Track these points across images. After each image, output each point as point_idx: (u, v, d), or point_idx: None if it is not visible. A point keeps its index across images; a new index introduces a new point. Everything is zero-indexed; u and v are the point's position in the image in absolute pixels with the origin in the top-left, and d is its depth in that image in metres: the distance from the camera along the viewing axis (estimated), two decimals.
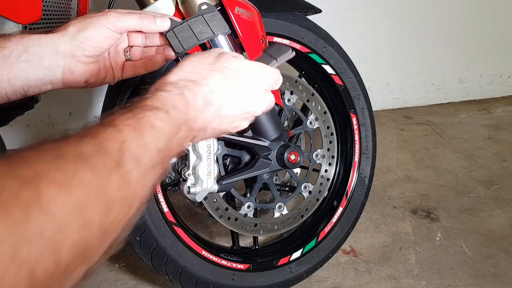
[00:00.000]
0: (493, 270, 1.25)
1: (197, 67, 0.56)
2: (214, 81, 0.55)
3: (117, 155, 0.39)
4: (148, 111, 0.46)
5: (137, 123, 0.43)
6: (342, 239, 1.22)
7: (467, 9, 2.37)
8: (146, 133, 0.44)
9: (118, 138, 0.41)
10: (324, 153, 1.19)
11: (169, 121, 0.47)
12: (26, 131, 1.95)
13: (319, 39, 1.15)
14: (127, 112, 0.45)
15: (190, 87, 0.53)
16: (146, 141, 0.43)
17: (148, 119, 0.45)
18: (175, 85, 0.52)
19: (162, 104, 0.48)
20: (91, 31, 0.65)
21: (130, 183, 0.40)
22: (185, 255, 1.02)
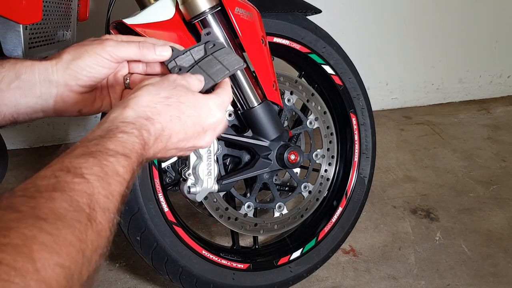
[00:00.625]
0: (492, 269, 1.26)
1: (153, 100, 0.55)
2: (168, 118, 0.56)
3: (88, 210, 0.40)
4: (111, 157, 0.47)
5: (102, 172, 0.44)
6: (342, 238, 1.22)
7: (467, 9, 2.38)
8: (111, 181, 0.45)
9: (86, 190, 0.42)
10: (324, 153, 1.19)
11: (130, 165, 0.48)
12: (26, 131, 1.96)
13: (319, 39, 1.15)
14: (90, 157, 0.45)
15: (147, 126, 0.53)
16: (112, 190, 0.44)
17: (112, 166, 0.46)
18: (134, 125, 0.52)
19: (123, 148, 0.49)
20: (85, 60, 0.63)
21: (102, 231, 0.41)
22: (185, 255, 1.02)
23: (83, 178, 0.42)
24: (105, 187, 0.44)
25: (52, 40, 1.01)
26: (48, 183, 0.41)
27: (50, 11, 0.96)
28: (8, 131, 1.82)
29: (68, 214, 0.38)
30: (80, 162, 0.44)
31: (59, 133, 2.00)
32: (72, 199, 0.40)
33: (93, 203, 0.41)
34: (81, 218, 0.39)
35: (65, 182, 0.41)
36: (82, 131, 2.02)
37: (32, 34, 0.90)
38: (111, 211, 0.44)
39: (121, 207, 0.47)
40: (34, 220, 0.36)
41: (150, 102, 0.55)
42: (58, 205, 0.38)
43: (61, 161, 0.44)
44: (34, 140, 1.98)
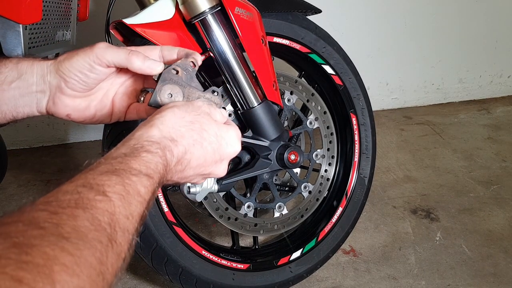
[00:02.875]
0: (492, 270, 1.25)
1: (178, 123, 0.56)
2: (191, 142, 0.57)
3: (109, 230, 0.40)
4: (134, 176, 0.46)
5: (124, 191, 0.44)
6: (342, 239, 1.22)
7: (467, 9, 2.38)
8: (132, 201, 0.45)
9: (108, 209, 0.41)
10: (324, 153, 1.19)
11: (151, 186, 0.48)
12: (26, 131, 1.96)
13: (319, 39, 1.15)
14: (113, 175, 0.45)
15: (170, 147, 0.54)
16: (132, 210, 0.44)
17: (134, 186, 0.46)
18: (159, 145, 0.52)
19: (146, 168, 0.49)
20: (74, 62, 0.63)
21: (121, 253, 0.41)
22: (185, 255, 1.02)
23: (105, 196, 0.42)
24: (126, 206, 0.43)
25: (52, 40, 1.01)
26: (70, 199, 0.40)
27: (50, 11, 0.96)
28: (8, 131, 1.82)
29: (90, 233, 0.38)
30: (103, 179, 0.44)
31: (59, 133, 2.00)
32: (94, 217, 0.39)
33: (114, 223, 0.41)
34: (102, 238, 0.39)
35: (88, 199, 0.41)
36: (82, 131, 2.02)
37: (32, 34, 0.90)
38: (130, 232, 0.43)
39: (139, 229, 0.46)
40: (56, 238, 0.35)
41: (175, 124, 0.55)
42: (80, 223, 0.38)
43: (84, 177, 0.44)
44: (34, 140, 1.98)
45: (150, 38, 0.91)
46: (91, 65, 0.63)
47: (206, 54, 0.97)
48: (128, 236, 0.43)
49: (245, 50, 0.93)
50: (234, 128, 0.64)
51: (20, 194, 1.62)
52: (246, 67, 0.92)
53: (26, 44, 0.88)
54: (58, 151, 1.96)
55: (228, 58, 0.90)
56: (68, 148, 2.00)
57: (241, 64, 0.91)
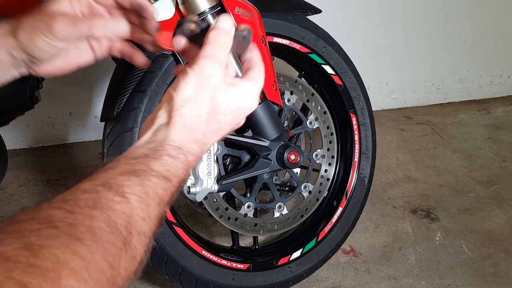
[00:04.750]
0: (492, 270, 1.25)
1: (197, 119, 0.53)
2: (210, 135, 0.55)
3: (125, 233, 0.39)
4: (154, 178, 0.45)
5: (144, 193, 0.43)
6: (342, 239, 1.22)
7: (467, 9, 2.37)
8: (151, 203, 0.44)
9: (126, 211, 0.40)
10: (324, 153, 1.19)
11: (170, 189, 0.47)
12: (26, 131, 1.96)
13: (319, 39, 1.15)
14: (133, 176, 0.44)
15: (193, 149, 0.52)
16: (150, 212, 0.43)
17: (154, 187, 0.45)
18: (181, 150, 0.50)
19: (166, 170, 0.47)
20: (36, 43, 0.60)
21: (136, 256, 0.40)
22: (185, 255, 1.02)
23: (123, 197, 0.41)
24: (144, 208, 0.43)
25: None
26: (88, 198, 0.39)
27: None
28: (8, 131, 1.82)
29: (104, 236, 0.37)
30: (122, 180, 0.43)
31: (59, 133, 2.00)
32: (111, 219, 0.39)
33: (131, 226, 0.40)
34: (117, 241, 0.38)
35: (106, 199, 0.40)
36: (82, 131, 2.02)
37: None
38: (147, 234, 0.42)
39: (156, 232, 0.45)
40: (70, 239, 0.34)
41: (195, 123, 0.53)
42: (96, 224, 0.37)
43: (104, 176, 0.43)
44: (34, 140, 1.98)
45: None
46: (55, 46, 0.60)
47: None
48: (144, 239, 0.42)
49: None
50: (250, 83, 0.57)
51: (20, 194, 1.61)
52: None
53: None
54: (58, 151, 1.96)
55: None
56: (68, 148, 1.99)
57: (241, 64, 0.91)
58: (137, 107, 0.96)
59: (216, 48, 0.54)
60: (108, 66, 1.84)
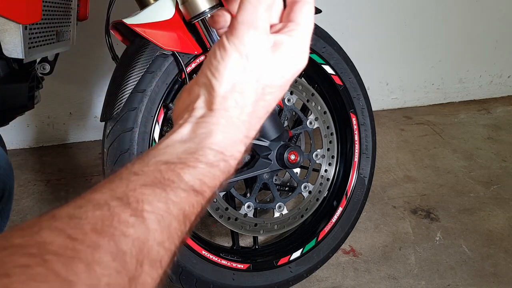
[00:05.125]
0: (492, 270, 1.25)
1: (244, 111, 0.43)
2: (258, 125, 0.45)
3: (134, 266, 0.32)
4: (183, 192, 0.37)
5: (166, 212, 0.35)
6: (342, 239, 1.22)
7: (467, 9, 2.37)
8: (173, 223, 0.36)
9: (140, 235, 0.33)
10: (324, 153, 1.19)
11: (201, 202, 0.39)
12: (26, 131, 1.96)
13: (319, 39, 1.15)
14: (158, 188, 0.36)
15: (239, 152, 0.43)
16: (170, 233, 0.35)
17: (179, 205, 0.37)
18: (223, 155, 0.42)
19: (200, 182, 0.39)
20: None
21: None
22: (185, 255, 1.02)
23: (140, 218, 0.33)
24: (164, 231, 0.35)
25: (52, 40, 1.01)
26: (98, 217, 0.32)
27: (50, 11, 0.96)
28: (8, 131, 1.82)
29: (105, 276, 0.29)
30: (144, 193, 0.35)
31: (59, 133, 2.00)
32: (119, 249, 0.31)
33: (143, 256, 0.33)
34: (120, 281, 0.30)
35: (118, 222, 0.32)
36: (82, 131, 2.02)
37: (32, 34, 0.90)
38: (163, 264, 0.35)
39: (177, 250, 0.37)
40: (59, 285, 0.27)
41: (241, 116, 0.43)
42: (98, 258, 0.30)
43: (124, 185, 0.35)
44: (34, 140, 1.98)
45: (150, 38, 0.91)
46: None
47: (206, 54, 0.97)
48: (157, 271, 0.34)
49: None
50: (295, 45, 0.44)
51: (20, 194, 1.61)
52: None
53: (26, 44, 0.88)
54: (58, 151, 1.96)
55: None
56: (68, 148, 1.99)
57: None
58: (137, 107, 0.96)
59: (259, 9, 0.41)
60: (108, 66, 1.84)
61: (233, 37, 0.41)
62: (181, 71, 0.97)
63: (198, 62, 0.99)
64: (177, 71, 0.98)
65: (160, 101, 0.98)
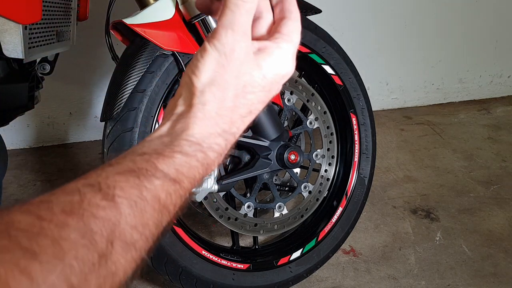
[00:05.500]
0: (492, 270, 1.25)
1: (222, 106, 0.44)
2: (240, 122, 0.46)
3: (104, 245, 0.33)
4: (157, 180, 0.38)
5: (139, 197, 0.36)
6: (342, 239, 1.22)
7: (467, 9, 2.37)
8: (147, 209, 0.36)
9: (111, 218, 0.34)
10: (324, 153, 1.19)
11: (178, 192, 0.40)
12: (26, 131, 1.96)
13: (319, 39, 1.15)
14: (132, 176, 0.37)
15: (217, 145, 0.44)
16: (145, 220, 0.36)
17: (154, 191, 0.37)
18: (200, 147, 0.42)
19: (176, 171, 0.40)
20: None
21: (117, 272, 0.34)
22: (185, 255, 1.02)
23: (112, 202, 0.34)
24: (137, 216, 0.35)
25: (52, 40, 1.01)
26: (68, 201, 0.33)
27: (50, 11, 0.96)
28: (8, 131, 1.82)
29: (72, 250, 0.31)
30: (117, 180, 0.36)
31: (59, 133, 2.00)
32: (87, 228, 0.32)
33: (114, 236, 0.34)
34: (89, 256, 0.31)
35: (88, 204, 0.33)
36: (82, 131, 2.02)
37: (31, 34, 0.90)
38: (137, 246, 0.35)
39: (156, 240, 0.38)
40: (22, 254, 0.28)
41: (219, 110, 0.44)
42: (65, 234, 0.31)
43: (99, 174, 0.37)
44: (34, 140, 1.98)
45: (150, 38, 0.91)
46: None
47: None
48: (133, 252, 0.35)
49: None
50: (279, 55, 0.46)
51: (20, 194, 1.61)
52: None
53: (26, 44, 0.88)
54: (58, 151, 1.96)
55: None
56: (68, 148, 1.99)
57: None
58: (137, 107, 0.96)
59: (237, 13, 0.43)
60: (108, 66, 1.84)
61: (213, 39, 0.44)
62: (181, 71, 0.97)
63: None
64: (177, 71, 0.98)
65: (160, 101, 0.98)
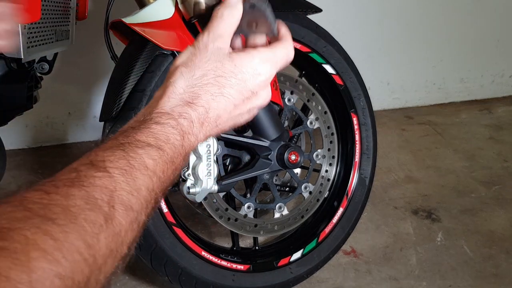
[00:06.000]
0: (494, 270, 1.25)
1: (189, 83, 0.51)
2: (210, 98, 0.51)
3: (106, 208, 0.37)
4: (140, 149, 0.43)
5: (128, 165, 0.41)
6: (343, 239, 1.22)
7: (468, 8, 2.37)
8: (138, 175, 0.41)
9: (108, 185, 0.39)
10: (324, 153, 1.19)
11: (163, 158, 0.45)
12: (25, 131, 1.95)
13: (320, 38, 1.15)
14: (117, 149, 0.42)
15: (186, 113, 0.49)
16: (138, 185, 0.41)
17: (140, 159, 0.42)
18: (170, 115, 0.48)
19: (155, 139, 0.45)
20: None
21: (121, 231, 0.38)
22: (185, 256, 1.02)
23: (105, 172, 0.39)
24: (130, 182, 0.40)
25: (51, 39, 1.00)
26: (68, 178, 0.38)
27: (49, 11, 0.96)
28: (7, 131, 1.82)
29: (82, 213, 0.35)
30: (105, 155, 0.41)
31: (58, 133, 1.99)
32: (90, 195, 0.37)
33: (114, 200, 0.38)
34: (97, 218, 0.36)
35: (85, 176, 0.38)
36: (81, 131, 2.01)
37: (30, 34, 0.90)
38: (135, 209, 0.40)
39: (151, 206, 0.43)
40: (41, 220, 0.33)
41: (187, 87, 0.51)
42: (72, 202, 0.35)
43: (88, 155, 0.42)
44: (33, 140, 1.98)
45: (150, 38, 0.91)
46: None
47: None
48: (132, 214, 0.39)
49: None
50: (262, 50, 0.54)
51: None
52: None
53: (25, 44, 0.87)
54: (57, 151, 1.95)
55: None
56: (67, 148, 1.99)
57: None
58: (136, 106, 0.95)
59: (218, 22, 0.53)
60: (107, 65, 1.84)
61: (195, 39, 0.54)
62: None
63: None
64: None
65: None
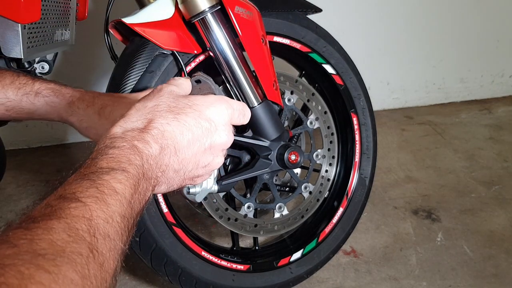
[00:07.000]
0: (494, 270, 1.25)
1: (142, 113, 0.53)
2: (163, 121, 0.52)
3: (89, 238, 0.38)
4: (106, 175, 0.44)
5: (98, 192, 0.42)
6: (343, 239, 1.21)
7: (468, 8, 2.37)
8: (109, 201, 0.42)
9: (85, 214, 0.39)
10: (324, 153, 1.18)
11: (128, 180, 0.45)
12: (25, 131, 1.95)
13: (320, 38, 1.15)
14: (84, 180, 0.43)
15: (139, 136, 0.50)
16: (111, 211, 0.42)
17: (108, 184, 0.43)
18: (123, 139, 0.49)
19: (117, 162, 0.46)
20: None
21: (104, 262, 0.39)
22: (185, 256, 1.02)
23: (79, 202, 0.40)
24: (104, 208, 0.41)
25: (51, 39, 1.00)
26: (44, 213, 0.38)
27: (49, 11, 0.96)
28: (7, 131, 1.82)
29: (68, 246, 0.36)
30: (73, 187, 0.42)
31: (57, 133, 1.99)
32: (71, 226, 0.37)
33: (93, 229, 0.39)
34: (82, 249, 0.36)
35: (61, 209, 0.39)
36: None
37: (30, 34, 0.90)
38: (111, 237, 0.40)
39: (126, 233, 0.43)
40: (31, 256, 0.33)
41: (139, 116, 0.52)
42: (56, 236, 0.36)
43: (55, 192, 0.42)
44: (33, 140, 1.98)
45: (150, 38, 0.91)
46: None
47: (206, 53, 0.96)
48: (110, 243, 0.40)
49: (245, 50, 0.92)
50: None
51: (19, 194, 1.61)
52: (246, 66, 0.92)
53: (25, 44, 0.87)
54: (57, 151, 1.95)
55: (228, 57, 0.89)
56: (67, 148, 1.99)
57: (241, 63, 0.90)
58: None
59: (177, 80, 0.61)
60: (107, 65, 1.84)
61: None
62: (181, 70, 0.97)
63: (198, 62, 0.99)
64: (177, 71, 0.97)
65: None
